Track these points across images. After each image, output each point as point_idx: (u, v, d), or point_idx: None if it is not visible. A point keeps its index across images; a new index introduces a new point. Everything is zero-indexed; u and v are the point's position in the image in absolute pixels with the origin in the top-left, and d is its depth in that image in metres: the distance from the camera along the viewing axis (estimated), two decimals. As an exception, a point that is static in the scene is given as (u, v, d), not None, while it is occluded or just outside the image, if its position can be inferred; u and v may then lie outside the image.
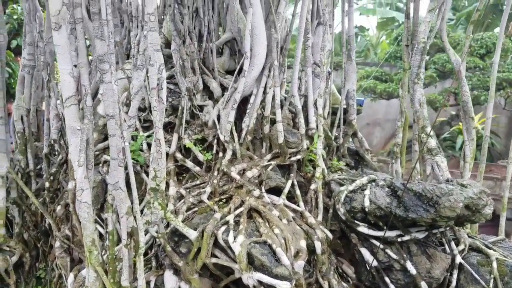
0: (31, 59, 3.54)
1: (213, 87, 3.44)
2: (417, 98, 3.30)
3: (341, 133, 3.91)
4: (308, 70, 3.47)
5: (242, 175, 3.08)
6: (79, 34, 2.31)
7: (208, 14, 3.41)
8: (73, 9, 2.28)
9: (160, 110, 2.56)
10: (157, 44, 2.49)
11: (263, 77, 3.25)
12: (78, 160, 2.29)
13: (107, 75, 2.31)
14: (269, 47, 3.20)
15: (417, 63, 3.31)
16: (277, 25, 3.16)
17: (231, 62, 3.81)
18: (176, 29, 3.25)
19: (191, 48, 3.30)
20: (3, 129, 3.31)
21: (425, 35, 3.26)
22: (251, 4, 2.95)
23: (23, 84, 3.57)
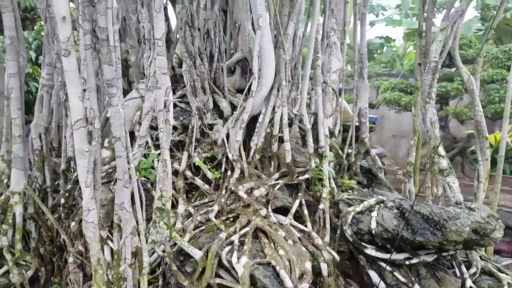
0: (50, 78, 3.69)
1: (223, 106, 3.49)
2: (428, 117, 3.25)
3: (354, 151, 3.89)
4: (318, 89, 3.48)
5: (250, 194, 3.09)
6: (88, 59, 2.40)
7: (219, 36, 3.47)
8: (83, 36, 2.38)
9: (167, 131, 2.61)
10: (164, 68, 2.56)
11: (272, 97, 3.28)
12: (85, 181, 2.36)
13: (115, 99, 2.39)
14: (277, 67, 3.23)
15: (428, 82, 3.27)
16: (285, 46, 3.19)
17: (242, 81, 3.86)
18: (187, 51, 3.32)
19: (201, 69, 3.36)
20: (22, 147, 3.44)
21: (437, 54, 3.22)
22: (259, 26, 2.99)
23: (42, 102, 3.71)
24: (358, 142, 3.91)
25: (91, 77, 2.40)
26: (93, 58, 2.42)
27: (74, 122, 2.40)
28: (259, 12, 2.98)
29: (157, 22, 2.51)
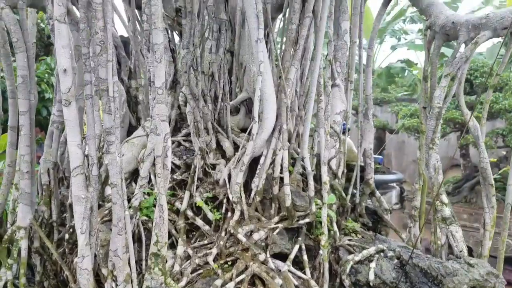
0: (60, 115, 3.79)
1: (226, 147, 3.52)
2: (432, 163, 3.20)
3: (358, 192, 3.84)
4: (320, 130, 3.47)
5: (249, 237, 3.08)
6: (88, 108, 2.47)
7: (224, 78, 3.53)
8: (83, 87, 2.46)
9: (165, 176, 2.65)
10: (163, 115, 2.61)
11: (273, 139, 3.30)
12: (80, 228, 2.41)
13: (112, 147, 2.45)
14: (279, 111, 3.25)
15: (432, 128, 3.23)
16: (287, 90, 3.22)
17: (247, 120, 3.89)
18: (191, 93, 3.39)
19: (205, 110, 3.42)
20: (29, 183, 3.54)
21: (440, 100, 3.19)
22: (261, 72, 3.03)
23: (52, 138, 3.82)
24: (363, 183, 3.87)
25: (91, 126, 2.47)
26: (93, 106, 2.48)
27: (72, 169, 2.46)
28: (260, 59, 3.02)
29: (157, 71, 2.57)
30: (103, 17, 2.30)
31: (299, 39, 3.25)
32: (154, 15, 2.50)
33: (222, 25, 3.48)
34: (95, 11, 2.29)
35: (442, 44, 3.40)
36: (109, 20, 2.32)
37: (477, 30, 3.12)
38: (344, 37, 3.60)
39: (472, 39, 3.13)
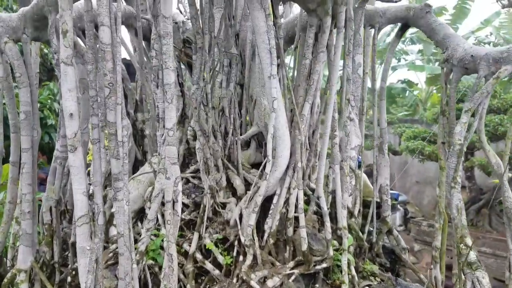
0: (64, 151, 3.65)
1: (237, 184, 3.37)
2: (454, 203, 3.04)
3: (375, 230, 3.67)
4: (335, 167, 3.33)
5: (263, 284, 2.90)
6: (95, 154, 2.33)
7: (234, 112, 3.41)
8: (92, 130, 2.32)
9: (174, 223, 2.49)
10: (174, 158, 2.47)
11: (287, 178, 3.15)
12: (85, 282, 2.24)
13: (120, 193, 2.30)
14: (292, 148, 3.11)
15: (453, 166, 3.08)
16: (301, 126, 3.08)
17: (257, 154, 3.75)
18: (201, 129, 3.26)
19: (215, 147, 3.28)
20: (31, 223, 3.38)
21: (461, 136, 3.05)
22: (274, 109, 2.90)
23: (54, 175, 3.68)
24: (380, 220, 3.70)
25: (98, 172, 2.33)
26: (100, 151, 2.34)
27: (77, 218, 2.30)
28: (274, 95, 2.89)
29: (168, 112, 2.44)
30: (112, 59, 2.18)
31: (312, 74, 3.13)
32: (166, 55, 2.38)
33: (233, 59, 3.37)
34: (104, 52, 2.17)
35: (461, 78, 3.28)
36: (118, 62, 2.20)
37: (498, 64, 3.00)
38: (358, 70, 3.49)
39: (493, 74, 3.01)
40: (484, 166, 12.06)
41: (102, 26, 2.14)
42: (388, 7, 3.55)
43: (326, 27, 3.04)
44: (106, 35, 2.15)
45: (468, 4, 16.58)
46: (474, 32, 17.02)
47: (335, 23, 3.12)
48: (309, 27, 3.08)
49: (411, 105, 19.78)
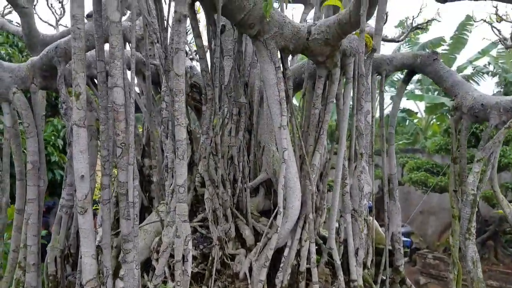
0: (70, 199, 3.61)
1: (246, 235, 3.30)
2: (469, 255, 2.97)
3: (388, 280, 3.58)
4: (347, 216, 3.27)
5: None
6: (105, 215, 2.28)
7: (243, 160, 3.37)
8: (102, 190, 2.28)
9: (184, 283, 2.42)
10: (184, 215, 2.41)
11: (298, 229, 3.08)
12: None
13: (129, 255, 2.24)
14: (303, 198, 3.06)
15: (467, 216, 3.03)
16: (311, 176, 3.05)
17: (266, 201, 3.70)
18: (210, 179, 3.22)
19: (224, 197, 3.23)
20: (35, 275, 3.30)
21: (474, 186, 3.01)
22: (285, 160, 2.87)
23: (60, 224, 3.62)
24: (393, 270, 3.62)
25: (107, 234, 2.27)
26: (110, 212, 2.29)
27: (85, 282, 2.23)
28: (284, 146, 2.87)
29: (179, 168, 2.40)
30: (125, 119, 2.17)
31: (322, 124, 3.12)
32: (178, 111, 2.37)
33: (242, 108, 3.36)
34: (117, 112, 2.15)
35: (471, 126, 3.27)
36: (131, 122, 2.18)
37: (509, 113, 2.99)
38: (367, 117, 3.48)
39: (504, 123, 3.00)
40: (488, 198, 11.95)
41: (115, 88, 2.14)
42: (395, 54, 3.58)
43: (335, 78, 3.05)
44: (120, 96, 2.14)
45: (466, 35, 16.83)
46: (472, 62, 17.21)
47: (344, 73, 3.14)
48: (318, 78, 3.09)
49: (412, 134, 19.83)
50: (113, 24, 2.12)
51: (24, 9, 4.56)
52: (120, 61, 2.14)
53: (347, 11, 2.64)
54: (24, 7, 4.56)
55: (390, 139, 3.75)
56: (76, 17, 2.01)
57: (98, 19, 2.32)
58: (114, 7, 2.11)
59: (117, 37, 2.12)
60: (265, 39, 2.84)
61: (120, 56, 2.14)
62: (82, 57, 2.04)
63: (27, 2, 4.60)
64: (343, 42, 2.94)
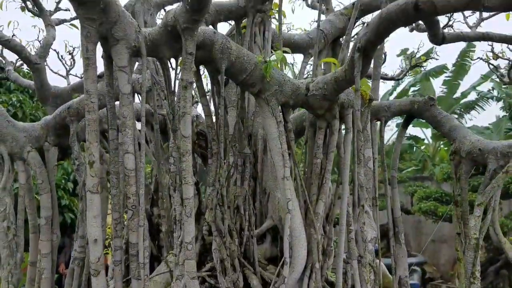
0: (82, 251, 3.70)
1: (254, 285, 3.36)
2: (476, 300, 2.99)
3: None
4: (353, 262, 3.31)
5: None
6: (117, 276, 2.37)
7: (249, 209, 3.47)
8: (114, 251, 2.38)
9: None
10: (193, 272, 2.50)
11: (305, 278, 3.13)
12: None
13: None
14: (309, 247, 3.13)
15: (471, 260, 3.07)
16: (316, 225, 3.12)
17: (273, 248, 3.77)
18: (217, 229, 3.31)
19: (231, 247, 3.31)
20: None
21: (476, 230, 3.07)
22: (289, 210, 2.96)
23: (72, 276, 3.70)
24: (401, 314, 3.63)
25: (119, 294, 2.36)
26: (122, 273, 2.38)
27: None
28: (288, 196, 2.97)
29: (187, 226, 2.51)
30: (135, 183, 2.29)
31: (325, 173, 3.22)
32: (185, 171, 2.50)
33: (246, 158, 3.49)
34: (128, 177, 2.28)
35: (471, 170, 3.35)
36: (141, 186, 2.31)
37: (506, 158, 3.08)
38: (368, 163, 3.58)
39: (502, 167, 3.08)
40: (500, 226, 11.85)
41: (126, 154, 2.27)
42: (393, 101, 3.71)
43: (335, 129, 3.17)
44: (131, 162, 2.28)
45: (468, 61, 16.99)
46: (475, 87, 17.32)
47: (343, 123, 3.26)
48: (318, 129, 3.22)
49: (420, 161, 19.78)
50: (124, 95, 2.28)
51: (36, 65, 4.79)
52: (131, 130, 2.29)
53: (343, 69, 2.79)
54: (36, 63, 4.79)
55: (392, 183, 3.84)
56: (90, 91, 2.17)
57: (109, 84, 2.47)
58: (125, 81, 2.27)
59: (128, 108, 2.28)
60: (266, 96, 2.99)
61: (131, 125, 2.28)
62: (95, 128, 2.19)
63: (39, 59, 4.84)
64: (340, 96, 3.08)
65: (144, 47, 2.34)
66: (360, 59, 2.52)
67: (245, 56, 2.91)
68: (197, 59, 2.79)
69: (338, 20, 4.32)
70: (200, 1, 2.27)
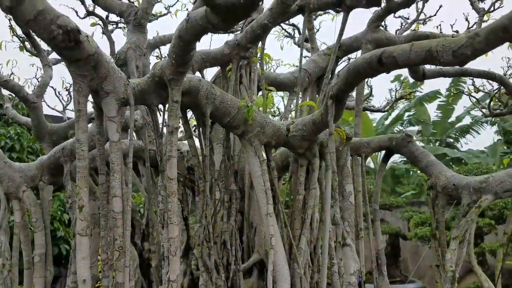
0: (74, 287, 3.80)
1: (241, 319, 3.46)
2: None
3: None
4: (336, 295, 3.43)
5: None
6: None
7: (235, 244, 3.60)
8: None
9: None
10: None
11: (289, 312, 3.24)
12: None
13: None
14: (293, 281, 3.25)
15: (448, 293, 3.19)
16: (299, 260, 3.25)
17: (260, 282, 3.87)
18: (204, 265, 3.43)
19: (218, 282, 3.42)
20: None
21: (452, 263, 3.19)
22: (273, 246, 3.09)
23: (65, 312, 3.79)
24: None
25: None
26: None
27: None
28: (271, 232, 3.11)
29: (172, 264, 2.64)
30: (122, 225, 2.44)
31: (307, 208, 3.37)
32: (171, 211, 2.66)
33: (233, 194, 3.64)
34: (115, 220, 2.43)
35: (446, 204, 3.50)
36: (127, 228, 2.45)
37: (478, 193, 3.24)
38: (349, 198, 3.74)
39: (475, 202, 3.24)
40: (494, 252, 11.86)
41: (114, 197, 2.43)
42: (372, 138, 3.90)
43: (316, 167, 3.34)
44: (118, 205, 2.43)
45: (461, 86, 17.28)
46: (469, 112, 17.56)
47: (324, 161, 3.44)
48: (300, 167, 3.39)
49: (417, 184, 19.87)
50: (113, 143, 2.46)
51: (33, 104, 5.00)
52: (119, 174, 2.46)
53: (320, 113, 2.99)
54: (33, 102, 5.00)
55: (375, 216, 3.98)
56: (80, 141, 2.35)
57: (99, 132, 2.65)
58: (114, 129, 2.46)
59: (116, 154, 2.45)
60: (249, 137, 3.17)
61: (119, 170, 2.45)
62: (85, 174, 2.36)
63: (36, 98, 5.05)
64: (319, 135, 3.26)
65: (132, 98, 2.54)
66: (332, 106, 2.71)
67: (228, 101, 3.12)
68: (184, 104, 3.00)
69: (321, 59, 4.55)
70: (184, 57, 2.48)
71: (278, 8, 2.90)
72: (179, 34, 2.37)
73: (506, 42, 2.07)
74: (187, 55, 2.50)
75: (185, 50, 2.45)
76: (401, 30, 5.76)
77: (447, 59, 2.13)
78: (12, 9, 2.02)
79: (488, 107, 6.88)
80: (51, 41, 2.13)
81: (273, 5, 2.96)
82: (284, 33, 7.03)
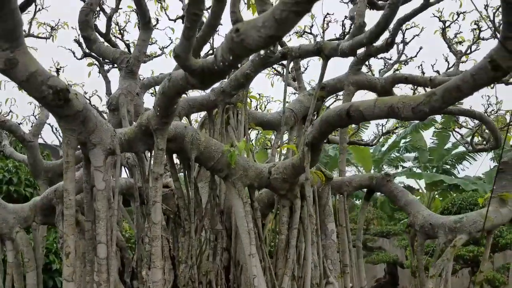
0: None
1: None
2: None
3: None
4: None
5: None
6: None
7: (221, 283, 3.70)
8: None
9: None
10: None
11: None
12: None
13: None
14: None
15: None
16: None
17: (247, 320, 3.95)
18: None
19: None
20: None
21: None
22: (255, 286, 3.20)
23: None
24: None
25: None
26: None
27: None
28: (254, 273, 3.22)
29: (156, 306, 2.74)
30: (107, 271, 2.56)
31: (290, 248, 3.49)
32: (154, 255, 2.78)
33: (219, 234, 3.76)
34: (100, 265, 2.56)
35: (424, 241, 3.63)
36: (112, 273, 2.58)
37: (453, 233, 3.37)
38: (332, 236, 3.86)
39: (450, 241, 3.36)
40: (491, 280, 11.82)
41: (100, 244, 2.57)
42: (353, 176, 4.06)
43: (297, 207, 3.48)
44: (103, 251, 2.57)
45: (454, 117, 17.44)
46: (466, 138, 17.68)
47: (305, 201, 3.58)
48: (282, 207, 3.53)
49: (416, 210, 19.78)
50: (99, 191, 2.61)
51: (30, 143, 5.18)
52: (104, 221, 2.60)
53: (298, 157, 3.15)
54: (30, 141, 5.18)
55: (358, 252, 4.09)
56: (68, 190, 2.50)
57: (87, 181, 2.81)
58: (101, 179, 2.61)
59: (102, 202, 2.60)
60: (233, 180, 3.33)
61: (104, 218, 2.60)
62: (72, 222, 2.50)
63: (32, 137, 5.24)
64: (300, 177, 3.41)
65: (118, 148, 2.70)
66: (308, 152, 2.88)
67: (213, 145, 3.29)
68: (170, 149, 3.17)
69: (307, 99, 4.76)
70: (167, 110, 2.67)
71: (259, 61, 3.10)
72: (162, 91, 2.56)
73: (460, 100, 2.25)
74: (170, 108, 2.68)
75: (169, 104, 2.64)
76: (384, 71, 6.00)
77: (407, 115, 2.30)
78: (5, 71, 2.20)
79: (471, 143, 7.07)
80: (42, 99, 2.31)
81: (254, 57, 3.16)
82: (274, 71, 7.30)
